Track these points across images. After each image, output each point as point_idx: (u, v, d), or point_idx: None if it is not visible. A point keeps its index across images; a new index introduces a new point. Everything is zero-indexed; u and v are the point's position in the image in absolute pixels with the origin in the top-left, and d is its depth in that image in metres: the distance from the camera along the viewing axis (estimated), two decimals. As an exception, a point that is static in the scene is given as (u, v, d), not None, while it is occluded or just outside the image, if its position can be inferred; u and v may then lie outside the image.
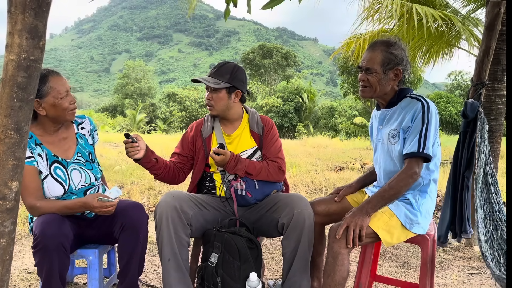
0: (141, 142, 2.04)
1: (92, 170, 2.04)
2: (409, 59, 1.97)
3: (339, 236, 1.71)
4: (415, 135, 1.79)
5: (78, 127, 2.10)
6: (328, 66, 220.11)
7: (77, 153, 2.03)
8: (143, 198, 5.22)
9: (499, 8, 2.24)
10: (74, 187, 1.95)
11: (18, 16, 1.06)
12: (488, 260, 1.84)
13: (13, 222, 1.13)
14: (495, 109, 3.34)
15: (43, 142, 1.93)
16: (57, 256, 1.71)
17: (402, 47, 1.91)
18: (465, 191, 2.17)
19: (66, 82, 1.92)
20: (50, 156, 1.93)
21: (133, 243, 1.88)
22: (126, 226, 1.87)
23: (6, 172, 1.09)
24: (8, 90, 1.07)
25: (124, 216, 1.88)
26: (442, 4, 4.77)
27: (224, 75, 2.12)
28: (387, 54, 1.87)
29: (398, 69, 1.89)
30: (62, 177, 1.92)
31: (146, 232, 1.93)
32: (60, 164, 1.94)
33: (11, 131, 1.09)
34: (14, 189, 1.11)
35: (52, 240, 1.69)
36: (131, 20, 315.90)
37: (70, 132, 2.06)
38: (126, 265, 1.89)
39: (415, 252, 3.35)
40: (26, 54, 1.08)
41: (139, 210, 1.94)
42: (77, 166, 1.99)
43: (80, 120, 2.13)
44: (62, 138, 2.01)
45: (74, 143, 2.04)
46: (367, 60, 1.90)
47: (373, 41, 1.99)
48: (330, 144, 17.23)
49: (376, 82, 1.89)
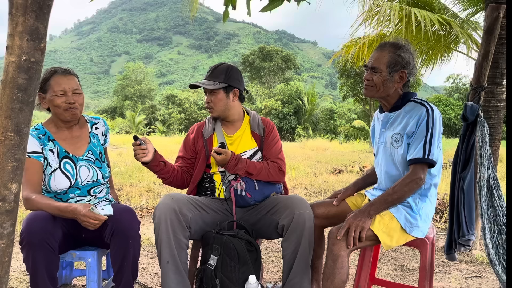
0: (150, 145, 2.05)
1: (101, 168, 2.09)
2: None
3: (340, 237, 1.72)
4: (420, 141, 1.79)
5: (92, 127, 2.18)
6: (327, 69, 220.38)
7: (88, 151, 2.09)
8: (142, 200, 5.21)
9: (498, 12, 2.25)
10: (81, 182, 2.00)
11: (19, 18, 1.06)
12: (497, 267, 1.82)
13: (13, 224, 1.13)
14: (494, 113, 3.34)
15: (56, 139, 2.03)
16: (42, 253, 1.72)
17: (410, 51, 1.92)
18: (460, 193, 2.17)
19: (69, 82, 1.96)
20: (62, 151, 2.01)
21: (124, 249, 1.85)
22: (116, 232, 1.85)
23: (5, 173, 1.09)
24: (8, 91, 1.07)
25: (114, 221, 1.86)
26: (441, 8, 4.79)
27: (219, 76, 2.16)
28: (395, 56, 1.87)
29: (404, 72, 1.89)
30: (70, 171, 1.99)
31: (137, 237, 1.90)
32: (70, 159, 2.02)
33: (11, 133, 1.08)
34: (13, 191, 1.11)
35: (36, 236, 1.71)
36: (130, 22, 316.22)
37: (83, 131, 2.13)
38: (119, 270, 1.88)
39: (414, 256, 3.35)
40: (26, 56, 1.08)
41: (129, 215, 1.92)
42: (86, 163, 2.05)
43: (95, 121, 2.22)
44: (75, 136, 2.09)
45: (86, 141, 2.12)
46: (374, 59, 1.91)
47: (382, 42, 1.99)
48: (329, 147, 17.24)
49: (380, 82, 1.89)
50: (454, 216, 2.17)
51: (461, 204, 2.16)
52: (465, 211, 2.15)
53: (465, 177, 2.15)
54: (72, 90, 1.96)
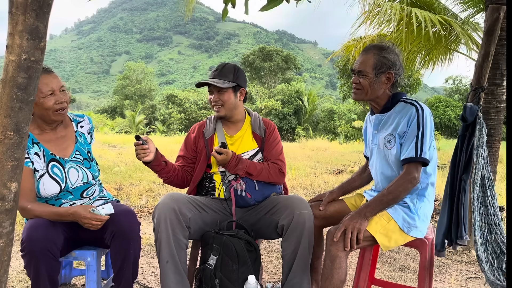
0: (151, 144, 2.05)
1: (90, 169, 2.03)
2: (409, 63, 1.99)
3: (337, 239, 1.72)
4: (412, 140, 1.80)
5: (77, 125, 2.09)
6: (327, 70, 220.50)
7: (75, 151, 2.02)
8: (142, 200, 5.21)
9: (499, 13, 2.25)
10: (71, 185, 1.93)
11: (19, 17, 1.06)
12: (483, 264, 1.84)
13: (12, 223, 1.13)
14: (494, 114, 3.34)
15: (40, 141, 1.91)
16: (44, 261, 1.69)
17: (395, 52, 1.94)
18: (462, 194, 2.17)
19: (55, 81, 1.84)
20: (48, 154, 1.92)
21: (124, 250, 1.84)
22: (116, 234, 1.83)
23: (5, 172, 1.09)
24: (8, 90, 1.07)
25: (115, 223, 1.84)
26: (442, 9, 4.79)
27: (228, 75, 2.17)
28: (380, 57, 1.89)
29: (390, 73, 1.91)
30: (59, 175, 1.91)
31: (138, 239, 1.89)
32: (58, 162, 1.93)
33: (10, 132, 1.08)
34: (13, 190, 1.11)
35: (38, 245, 1.68)
36: (131, 21, 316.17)
37: (69, 131, 2.04)
38: (120, 271, 1.87)
39: (413, 256, 3.35)
40: (26, 55, 1.07)
41: (130, 217, 1.89)
42: (75, 165, 1.98)
43: (79, 119, 2.11)
44: (60, 136, 1.99)
45: (73, 141, 2.03)
46: (359, 63, 1.94)
47: (367, 45, 2.02)
48: (329, 147, 17.23)
49: (367, 85, 1.91)
50: (454, 217, 2.17)
51: (461, 205, 2.16)
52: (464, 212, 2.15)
53: (467, 178, 2.16)
54: (59, 88, 1.86)
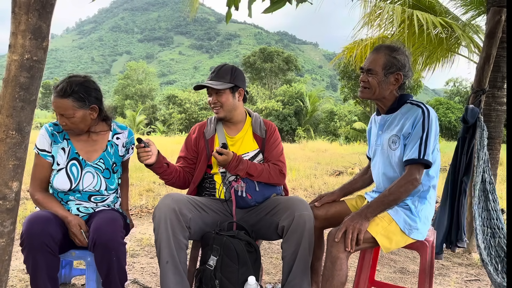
0: (153, 147, 2.04)
1: (108, 179, 2.04)
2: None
3: (338, 239, 1.72)
4: (416, 142, 1.80)
5: (113, 136, 2.12)
6: (328, 71, 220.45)
7: (99, 159, 2.05)
8: (142, 200, 5.21)
9: (500, 16, 2.26)
10: (82, 188, 1.98)
11: (22, 17, 1.06)
12: (489, 267, 1.84)
13: (13, 222, 1.13)
14: (494, 116, 3.34)
15: (71, 138, 2.02)
16: (42, 255, 1.71)
17: (406, 54, 1.94)
18: (462, 196, 2.18)
19: (60, 106, 1.87)
20: (73, 152, 2.00)
21: (107, 259, 1.81)
22: (97, 244, 1.80)
23: (7, 172, 1.09)
24: (10, 90, 1.07)
25: (96, 232, 1.81)
26: (443, 11, 4.79)
27: (225, 76, 2.16)
28: (390, 58, 1.89)
29: (399, 74, 1.90)
30: (75, 174, 1.98)
31: (120, 247, 1.84)
32: (78, 162, 2.00)
33: (12, 131, 1.09)
34: (14, 189, 1.11)
35: (36, 239, 1.70)
36: (132, 21, 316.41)
37: (102, 138, 2.09)
38: (106, 278, 1.85)
39: (413, 258, 3.35)
40: (29, 55, 1.08)
41: (112, 226, 1.85)
42: (93, 170, 2.02)
43: (119, 130, 2.15)
44: (92, 140, 2.06)
45: (101, 149, 2.07)
46: (369, 62, 1.93)
47: (378, 45, 2.01)
48: (329, 149, 17.23)
49: (376, 84, 1.91)
50: (454, 219, 2.17)
51: (461, 207, 2.16)
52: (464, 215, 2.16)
53: (467, 180, 2.16)
54: (64, 113, 1.88)
